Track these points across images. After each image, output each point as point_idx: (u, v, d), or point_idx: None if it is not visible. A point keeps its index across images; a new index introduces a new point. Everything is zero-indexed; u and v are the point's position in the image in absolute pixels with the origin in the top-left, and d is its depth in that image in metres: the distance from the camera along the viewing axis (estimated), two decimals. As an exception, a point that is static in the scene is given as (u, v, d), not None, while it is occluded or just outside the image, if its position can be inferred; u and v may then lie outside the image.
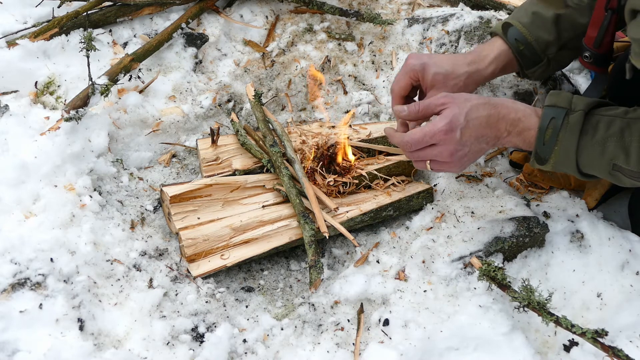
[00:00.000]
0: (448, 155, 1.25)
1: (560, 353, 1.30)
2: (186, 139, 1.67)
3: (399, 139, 1.29)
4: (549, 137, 1.22)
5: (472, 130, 1.24)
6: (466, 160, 1.28)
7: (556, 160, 1.24)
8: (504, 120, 1.25)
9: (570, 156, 1.22)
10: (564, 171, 1.27)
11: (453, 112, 1.23)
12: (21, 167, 1.35)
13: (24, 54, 1.62)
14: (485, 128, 1.25)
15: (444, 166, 1.28)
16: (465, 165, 1.30)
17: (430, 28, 1.86)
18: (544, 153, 1.24)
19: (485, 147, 1.28)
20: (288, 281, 1.44)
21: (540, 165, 1.26)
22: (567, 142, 1.22)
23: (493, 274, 1.28)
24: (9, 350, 1.11)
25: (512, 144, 1.29)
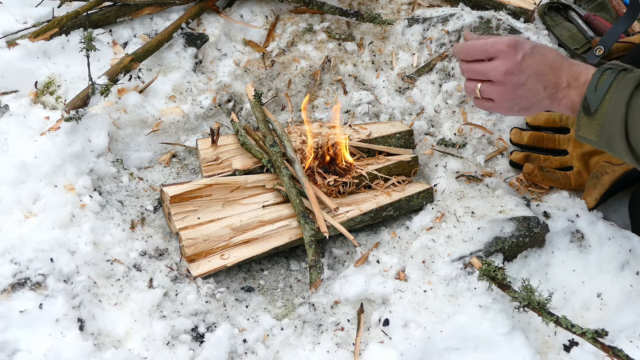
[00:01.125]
0: (503, 72, 1.18)
1: (560, 353, 1.30)
2: (186, 139, 1.67)
3: (459, 46, 1.23)
4: (602, 83, 1.14)
5: (535, 62, 1.18)
6: (518, 93, 1.19)
7: (605, 110, 1.12)
8: (567, 69, 1.18)
9: (620, 108, 1.11)
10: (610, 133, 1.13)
11: (522, 40, 1.20)
12: (21, 167, 1.35)
13: (24, 54, 1.62)
14: (547, 68, 1.18)
15: (495, 91, 1.21)
16: (515, 101, 1.21)
17: (430, 28, 1.86)
18: (594, 100, 1.13)
19: (542, 90, 1.19)
20: (288, 281, 1.44)
21: (587, 117, 1.15)
22: (621, 89, 1.12)
23: (493, 274, 1.28)
24: (9, 350, 1.11)
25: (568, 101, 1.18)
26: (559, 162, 1.62)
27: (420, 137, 1.72)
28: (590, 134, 1.16)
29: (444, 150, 1.66)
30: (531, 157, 1.61)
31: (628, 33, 1.97)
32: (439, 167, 1.62)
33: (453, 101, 1.73)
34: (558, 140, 1.64)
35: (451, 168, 1.60)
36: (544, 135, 1.63)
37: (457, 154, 1.66)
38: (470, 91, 1.25)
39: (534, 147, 1.64)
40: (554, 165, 1.61)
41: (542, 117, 1.64)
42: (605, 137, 1.14)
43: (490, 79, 1.21)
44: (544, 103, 1.21)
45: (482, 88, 1.22)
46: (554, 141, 1.64)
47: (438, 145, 1.69)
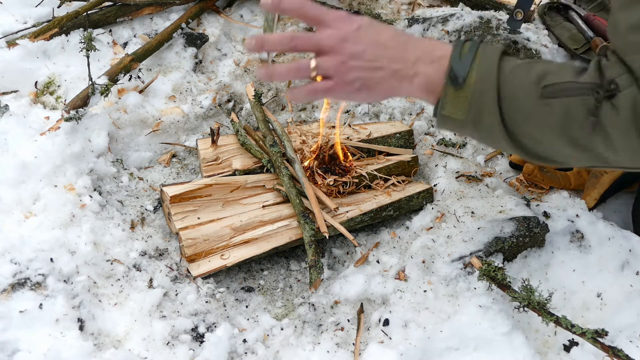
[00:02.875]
0: (339, 39, 1.00)
1: (560, 353, 1.30)
2: (186, 139, 1.67)
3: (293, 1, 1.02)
4: (466, 51, 1.00)
5: (374, 31, 1.02)
6: (356, 65, 1.01)
7: (476, 79, 0.98)
8: (415, 43, 1.03)
9: (492, 72, 0.97)
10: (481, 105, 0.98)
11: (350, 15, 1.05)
12: (21, 167, 1.35)
13: (24, 54, 1.62)
14: (389, 39, 1.02)
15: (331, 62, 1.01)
16: (355, 75, 1.01)
17: (430, 28, 1.86)
18: (461, 69, 0.98)
19: (385, 62, 1.01)
20: (288, 281, 1.44)
21: (456, 89, 0.99)
22: (488, 54, 0.99)
23: (493, 274, 1.28)
24: (9, 350, 1.11)
25: (422, 79, 1.01)
26: (559, 162, 1.62)
27: (420, 137, 1.72)
28: (458, 110, 1.00)
29: (444, 150, 1.67)
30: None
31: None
32: (439, 167, 1.62)
33: (453, 101, 1.73)
34: (558, 140, 1.63)
35: (451, 168, 1.60)
36: (544, 135, 1.63)
37: (457, 154, 1.66)
38: (301, 68, 1.03)
39: (534, 147, 1.63)
40: (554, 166, 1.61)
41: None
42: (474, 112, 0.99)
43: (324, 49, 1.01)
44: (389, 82, 1.02)
45: (318, 61, 1.01)
46: (553, 141, 1.63)
47: (438, 145, 1.69)
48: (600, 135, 0.94)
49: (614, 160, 0.98)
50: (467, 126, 1.01)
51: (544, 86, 0.95)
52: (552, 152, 1.01)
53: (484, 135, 1.03)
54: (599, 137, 0.95)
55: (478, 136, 1.05)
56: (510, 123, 0.98)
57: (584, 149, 0.98)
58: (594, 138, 0.95)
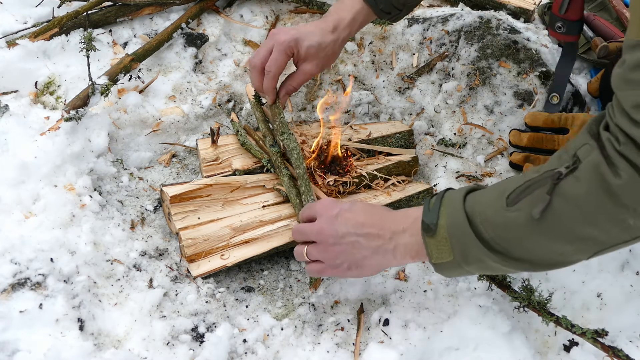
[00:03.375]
0: (317, 230, 1.17)
1: (560, 353, 1.30)
2: (186, 139, 1.67)
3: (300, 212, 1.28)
4: (433, 202, 1.08)
5: (352, 215, 1.15)
6: (338, 249, 1.14)
7: (447, 219, 1.04)
8: (392, 219, 1.13)
9: (458, 208, 1.03)
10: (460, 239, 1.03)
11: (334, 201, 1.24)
12: (21, 167, 1.35)
13: (24, 54, 1.62)
14: (367, 219, 1.14)
15: (316, 250, 1.18)
16: (339, 259, 1.15)
17: (430, 28, 1.86)
18: (430, 217, 1.05)
19: (364, 243, 1.13)
20: (288, 281, 1.44)
21: (432, 236, 1.05)
22: (453, 195, 1.06)
23: (493, 274, 1.28)
24: (9, 350, 1.11)
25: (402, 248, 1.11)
26: (559, 162, 1.62)
27: (420, 137, 1.72)
28: (443, 253, 1.05)
29: (444, 150, 1.67)
30: (531, 157, 1.61)
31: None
32: (439, 167, 1.62)
33: (453, 101, 1.73)
34: (557, 141, 1.64)
35: (451, 168, 1.60)
36: (543, 136, 1.63)
37: (457, 154, 1.66)
38: (298, 255, 1.23)
39: (534, 148, 1.64)
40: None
41: (541, 117, 1.64)
42: (458, 249, 1.03)
43: (310, 239, 1.19)
44: (374, 258, 1.14)
45: (307, 250, 1.19)
46: (553, 142, 1.64)
47: (438, 145, 1.69)
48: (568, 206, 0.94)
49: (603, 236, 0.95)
50: (461, 264, 1.05)
51: (507, 197, 0.99)
52: (550, 254, 1.00)
53: (477, 267, 1.05)
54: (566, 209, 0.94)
55: (475, 270, 1.07)
56: (492, 243, 1.00)
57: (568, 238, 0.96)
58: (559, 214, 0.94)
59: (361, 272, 1.18)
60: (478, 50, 1.76)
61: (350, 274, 1.18)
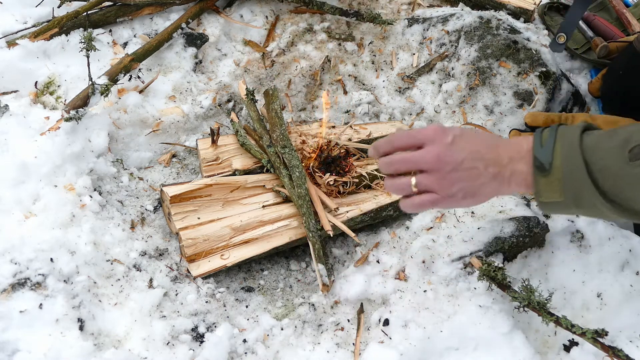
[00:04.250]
0: (435, 157, 1.05)
1: (560, 353, 1.30)
2: (186, 139, 1.67)
3: (379, 141, 1.12)
4: (546, 137, 1.03)
5: (467, 142, 1.07)
6: (457, 176, 1.06)
7: (560, 161, 1.00)
8: (505, 146, 1.07)
9: (574, 150, 0.99)
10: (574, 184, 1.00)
11: (448, 126, 1.11)
12: (21, 167, 1.35)
13: (24, 54, 1.62)
14: (483, 146, 1.07)
15: (431, 179, 1.07)
16: (457, 186, 1.06)
17: (430, 28, 1.86)
18: (544, 155, 1.02)
19: (482, 169, 1.06)
20: (288, 281, 1.44)
21: (545, 175, 1.02)
22: (568, 134, 1.01)
23: (493, 274, 1.28)
24: (9, 350, 1.11)
25: (518, 177, 1.06)
26: (559, 162, 1.61)
27: (420, 137, 1.72)
28: (554, 193, 1.03)
29: (444, 150, 1.66)
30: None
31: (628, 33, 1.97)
32: (439, 167, 1.61)
33: (453, 101, 1.74)
34: (558, 141, 1.63)
35: (451, 168, 1.59)
36: (544, 136, 1.63)
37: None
38: (403, 187, 1.10)
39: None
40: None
41: (540, 117, 1.64)
42: (570, 192, 1.01)
43: (423, 167, 1.07)
44: (490, 186, 1.08)
45: (418, 180, 1.07)
46: (553, 141, 1.63)
47: (438, 145, 1.68)
48: None
49: None
50: (570, 206, 1.03)
51: (630, 150, 0.95)
52: None
53: (588, 211, 1.03)
54: None
55: (583, 213, 1.05)
56: (611, 194, 0.98)
57: None
58: None
59: (475, 201, 1.10)
60: (478, 50, 1.76)
61: (464, 203, 1.10)
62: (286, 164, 1.48)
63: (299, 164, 1.46)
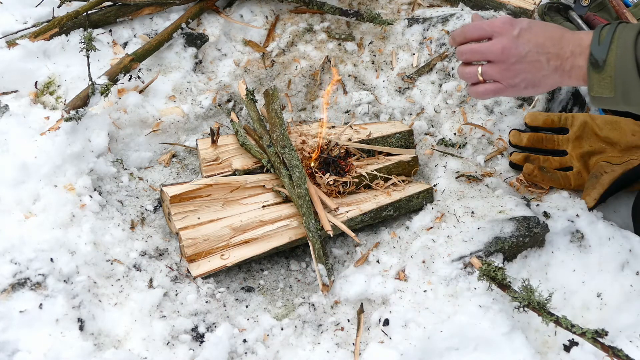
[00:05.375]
0: (500, 49, 1.16)
1: (560, 353, 1.30)
2: (186, 139, 1.67)
3: (456, 30, 1.23)
4: (605, 35, 1.11)
5: (533, 35, 1.16)
6: (521, 68, 1.16)
7: (613, 59, 1.09)
8: (569, 39, 1.15)
9: (629, 52, 1.07)
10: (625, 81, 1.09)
11: (516, 18, 1.20)
12: (21, 167, 1.35)
13: (24, 54, 1.62)
14: (547, 39, 1.15)
15: (496, 70, 1.18)
16: (520, 77, 1.17)
17: (430, 28, 1.86)
18: (600, 53, 1.10)
19: (545, 62, 1.16)
20: (288, 281, 1.44)
21: (598, 71, 1.11)
22: (624, 34, 1.09)
23: (493, 274, 1.28)
24: (9, 350, 1.11)
25: (577, 71, 1.14)
26: (559, 162, 1.62)
27: (420, 137, 1.72)
28: (605, 89, 1.12)
29: (444, 150, 1.67)
30: (531, 157, 1.61)
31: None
32: (439, 167, 1.62)
33: (453, 101, 1.73)
34: (557, 141, 1.64)
35: (451, 168, 1.60)
36: (543, 136, 1.64)
37: (457, 154, 1.66)
38: (470, 76, 1.22)
39: (534, 148, 1.64)
40: (554, 166, 1.61)
41: (540, 117, 1.64)
42: (620, 89, 1.10)
43: (489, 58, 1.18)
44: (552, 77, 1.18)
45: (484, 69, 1.20)
46: (553, 142, 1.64)
47: (438, 145, 1.69)
48: None
49: None
50: (619, 102, 1.12)
51: None
52: None
53: (636, 108, 1.12)
54: None
55: (632, 109, 1.13)
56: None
57: None
58: None
59: (537, 90, 1.21)
60: (478, 50, 1.76)
61: (525, 92, 1.21)
62: (286, 164, 1.48)
63: (299, 164, 1.46)
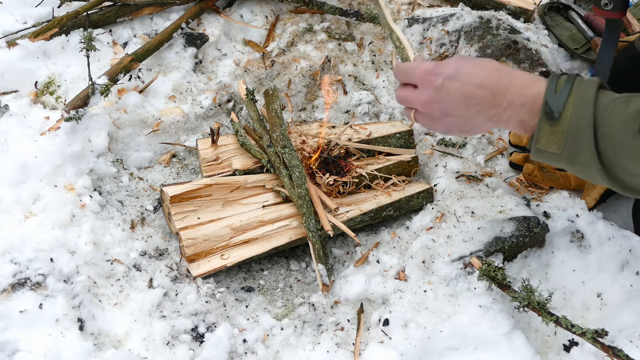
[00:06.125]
0: (422, 103, 1.09)
1: (560, 353, 1.30)
2: (186, 139, 1.67)
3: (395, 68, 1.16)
4: (562, 84, 1.01)
5: (460, 85, 1.05)
6: (448, 121, 1.09)
7: (570, 114, 0.98)
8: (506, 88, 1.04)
9: (587, 108, 0.97)
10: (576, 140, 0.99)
11: (446, 62, 1.08)
12: (21, 167, 1.35)
13: (24, 54, 1.62)
14: (478, 89, 1.05)
15: (425, 119, 1.12)
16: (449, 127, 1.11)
17: (430, 28, 1.86)
18: (556, 104, 0.99)
19: (475, 114, 1.06)
20: (288, 281, 1.44)
21: (551, 124, 1.00)
22: (584, 88, 0.99)
23: (493, 274, 1.28)
24: (9, 350, 1.11)
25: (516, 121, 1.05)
26: (559, 162, 1.61)
27: (420, 137, 1.72)
28: (553, 144, 1.02)
29: (444, 150, 1.67)
30: (530, 157, 1.61)
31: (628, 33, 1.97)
32: (439, 167, 1.62)
33: (453, 101, 1.73)
34: (558, 141, 1.63)
35: (451, 168, 1.60)
36: (544, 136, 1.63)
37: (457, 154, 1.66)
38: (407, 116, 1.16)
39: (534, 147, 1.63)
40: (554, 166, 1.61)
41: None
42: (569, 146, 1.01)
43: (417, 108, 1.12)
44: (485, 125, 1.10)
45: (415, 115, 1.13)
46: (553, 141, 1.63)
47: (438, 145, 1.69)
48: None
49: None
50: (563, 160, 1.02)
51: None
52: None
53: (578, 169, 1.03)
54: None
55: (573, 169, 1.04)
56: (607, 159, 0.98)
57: None
58: None
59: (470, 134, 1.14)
60: (478, 50, 1.76)
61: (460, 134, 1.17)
62: (286, 164, 1.48)
63: (299, 164, 1.46)
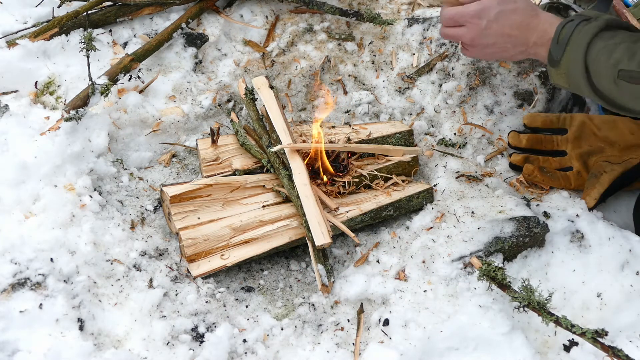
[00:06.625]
0: (469, 39, 1.40)
1: (560, 353, 1.30)
2: (186, 139, 1.67)
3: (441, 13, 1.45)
4: (563, 35, 1.28)
5: (500, 27, 1.35)
6: (489, 52, 1.42)
7: (567, 61, 1.27)
8: (534, 28, 1.34)
9: (579, 56, 1.25)
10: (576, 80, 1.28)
11: (487, 5, 1.35)
12: (21, 167, 1.35)
13: (24, 54, 1.62)
14: (514, 29, 1.35)
15: (470, 51, 1.45)
16: (490, 56, 1.45)
17: (431, 28, 1.86)
18: (556, 52, 1.29)
19: (511, 48, 1.38)
20: (288, 281, 1.44)
21: (553, 68, 1.31)
22: (579, 40, 1.25)
23: (493, 274, 1.28)
24: (9, 350, 1.11)
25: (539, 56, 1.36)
26: (558, 162, 1.62)
27: (420, 137, 1.72)
28: (561, 81, 1.33)
29: (444, 150, 1.67)
30: (530, 158, 1.61)
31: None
32: (439, 167, 1.62)
33: (453, 101, 1.73)
34: (556, 142, 1.64)
35: (451, 168, 1.60)
36: (542, 137, 1.64)
37: (457, 154, 1.66)
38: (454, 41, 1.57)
39: (533, 149, 1.64)
40: (554, 166, 1.61)
41: (539, 118, 1.64)
42: (573, 84, 1.31)
43: (463, 42, 1.44)
44: (518, 56, 1.43)
45: (461, 47, 1.49)
46: (552, 142, 1.64)
47: (438, 145, 1.69)
48: None
49: None
50: (573, 91, 1.36)
51: (618, 72, 1.20)
52: None
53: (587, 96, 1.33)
54: None
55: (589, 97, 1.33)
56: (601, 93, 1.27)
57: None
58: None
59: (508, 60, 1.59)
60: (478, 50, 1.76)
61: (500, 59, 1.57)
62: (286, 164, 1.48)
63: None
